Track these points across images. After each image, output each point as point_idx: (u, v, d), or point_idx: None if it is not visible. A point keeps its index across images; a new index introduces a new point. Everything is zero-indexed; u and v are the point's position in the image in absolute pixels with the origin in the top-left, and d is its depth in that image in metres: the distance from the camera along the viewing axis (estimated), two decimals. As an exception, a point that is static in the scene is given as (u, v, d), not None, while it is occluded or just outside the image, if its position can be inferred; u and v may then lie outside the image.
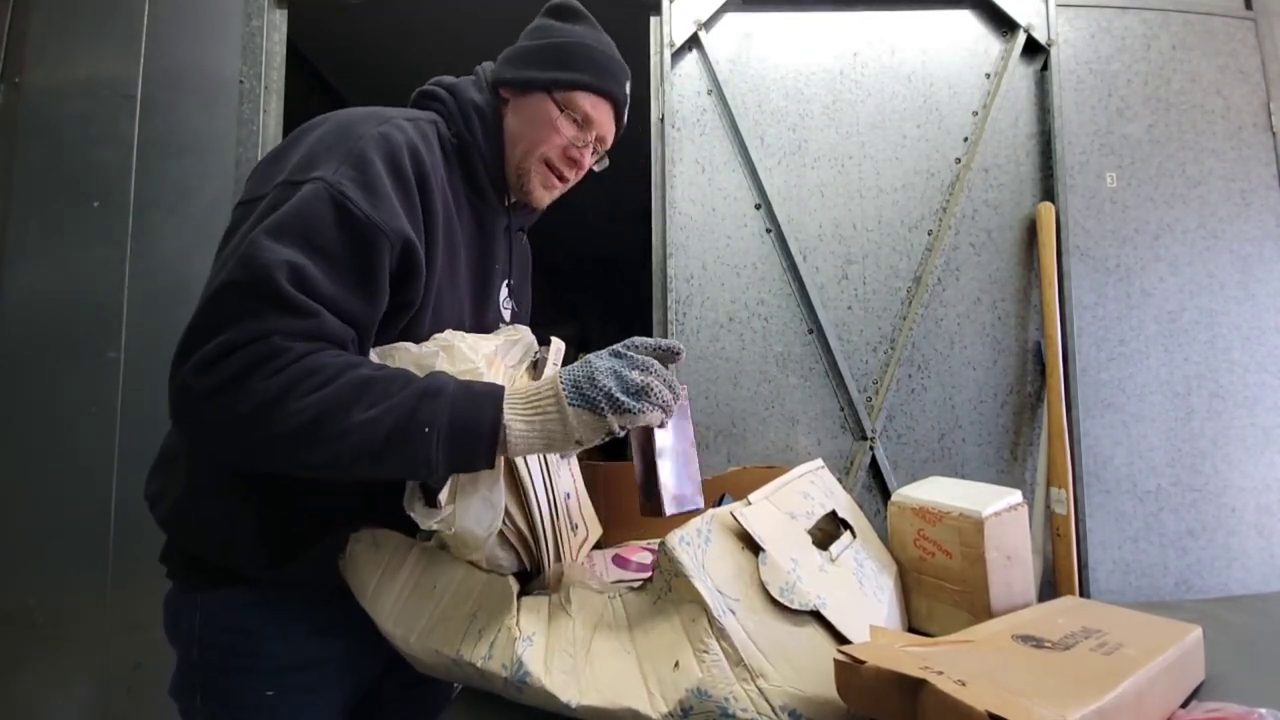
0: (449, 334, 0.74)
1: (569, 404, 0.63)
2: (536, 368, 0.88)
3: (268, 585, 0.74)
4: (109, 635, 1.68)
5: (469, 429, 0.62)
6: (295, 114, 2.36)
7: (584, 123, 0.83)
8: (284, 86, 1.89)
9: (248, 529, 0.73)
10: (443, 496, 0.66)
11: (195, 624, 0.75)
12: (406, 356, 0.71)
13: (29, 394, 1.71)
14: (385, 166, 0.69)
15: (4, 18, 1.80)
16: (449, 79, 0.87)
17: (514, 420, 0.63)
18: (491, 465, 0.64)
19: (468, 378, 0.68)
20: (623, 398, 0.62)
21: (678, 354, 0.68)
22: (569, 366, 0.66)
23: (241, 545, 0.73)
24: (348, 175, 0.67)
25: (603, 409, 0.62)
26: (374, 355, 0.72)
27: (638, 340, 0.68)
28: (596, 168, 0.90)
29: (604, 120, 0.85)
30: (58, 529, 1.69)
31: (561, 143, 0.82)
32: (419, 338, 0.75)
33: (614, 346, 0.68)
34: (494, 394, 0.64)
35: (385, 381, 0.62)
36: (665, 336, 1.83)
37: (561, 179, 0.87)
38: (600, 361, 0.65)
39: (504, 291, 0.93)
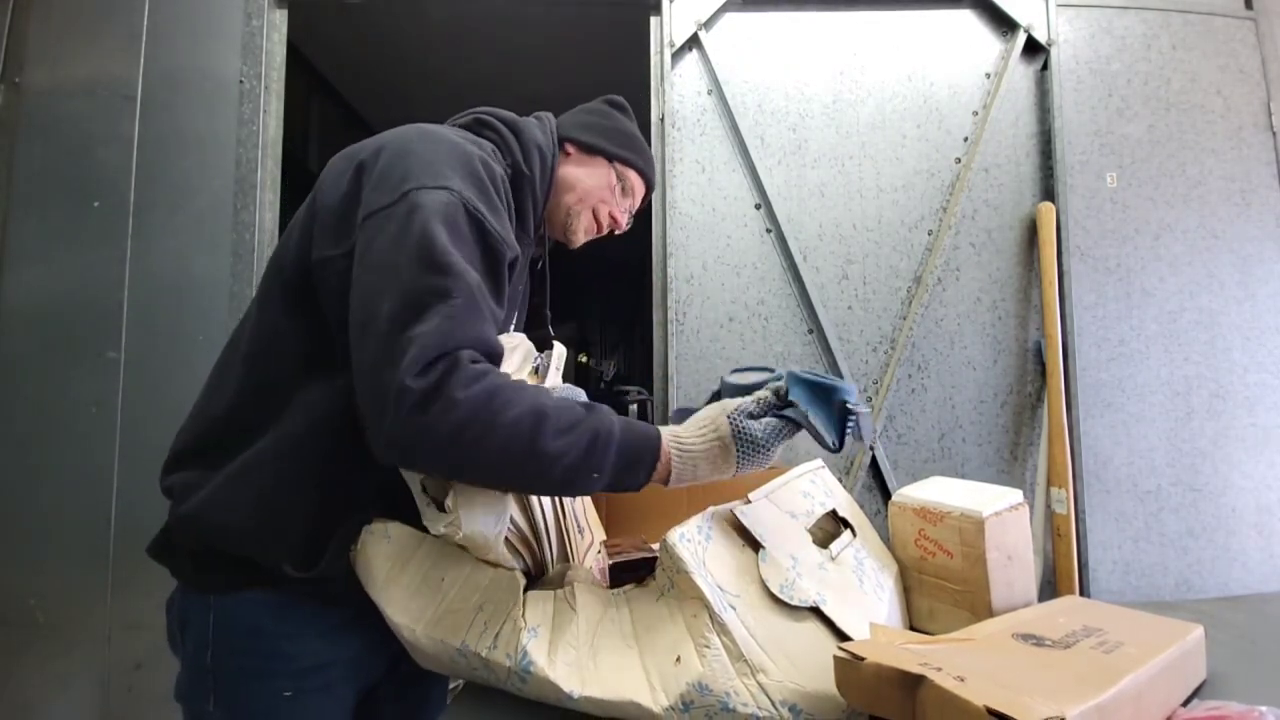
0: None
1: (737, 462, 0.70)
2: (538, 373, 0.88)
3: (284, 585, 0.73)
4: (109, 635, 1.68)
5: (628, 476, 0.68)
6: (295, 114, 2.38)
7: (628, 193, 1.01)
8: (284, 86, 1.90)
9: (295, 527, 0.72)
10: (449, 502, 0.66)
11: (208, 626, 0.74)
12: None
13: (29, 394, 1.71)
14: (493, 188, 0.76)
15: (4, 18, 1.80)
16: (507, 114, 0.92)
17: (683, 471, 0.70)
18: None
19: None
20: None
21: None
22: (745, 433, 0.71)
23: (283, 543, 0.72)
24: (473, 191, 0.72)
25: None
26: None
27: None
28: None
29: (639, 196, 1.04)
30: (58, 529, 1.69)
31: (610, 202, 1.00)
32: None
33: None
34: (652, 448, 0.69)
35: (558, 413, 0.66)
36: (665, 337, 1.84)
37: (599, 229, 1.02)
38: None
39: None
